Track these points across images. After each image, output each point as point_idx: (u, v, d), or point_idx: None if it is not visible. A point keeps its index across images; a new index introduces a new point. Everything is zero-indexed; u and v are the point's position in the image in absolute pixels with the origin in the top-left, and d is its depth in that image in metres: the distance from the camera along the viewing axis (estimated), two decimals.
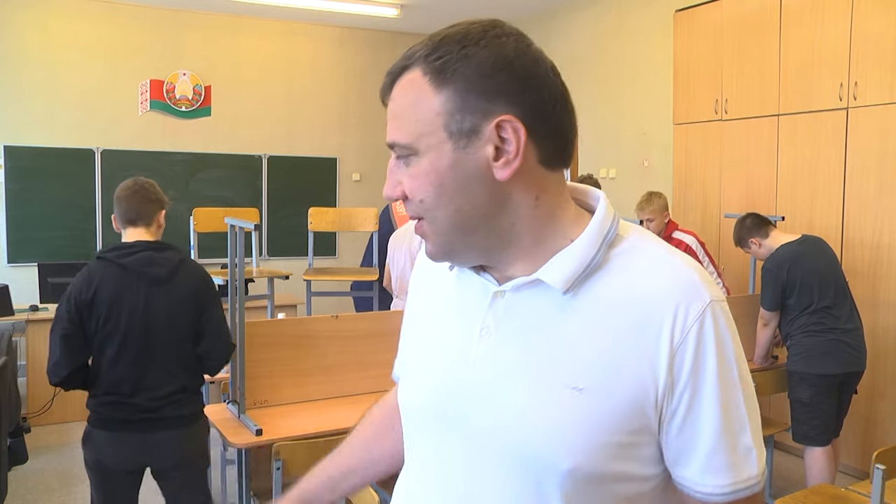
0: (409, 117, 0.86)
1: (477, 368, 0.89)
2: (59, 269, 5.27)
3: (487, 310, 0.91)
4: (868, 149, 4.20)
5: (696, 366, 0.83)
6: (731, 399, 0.85)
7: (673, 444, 0.86)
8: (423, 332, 1.02)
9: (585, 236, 0.88)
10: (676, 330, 0.83)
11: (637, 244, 0.89)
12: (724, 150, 5.06)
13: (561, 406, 0.84)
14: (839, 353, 3.50)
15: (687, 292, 0.85)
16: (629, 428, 0.84)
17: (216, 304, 2.70)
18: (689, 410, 0.84)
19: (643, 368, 0.83)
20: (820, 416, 3.51)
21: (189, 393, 2.63)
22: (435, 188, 0.85)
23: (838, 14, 4.30)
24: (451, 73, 0.83)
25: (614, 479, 0.85)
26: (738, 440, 0.86)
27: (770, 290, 3.64)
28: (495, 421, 0.87)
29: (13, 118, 6.38)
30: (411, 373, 1.01)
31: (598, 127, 6.32)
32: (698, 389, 0.84)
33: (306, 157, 7.57)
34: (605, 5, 6.23)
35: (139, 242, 2.66)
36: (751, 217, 3.84)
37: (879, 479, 2.44)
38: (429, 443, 0.95)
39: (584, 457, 0.83)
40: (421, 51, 0.85)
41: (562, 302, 0.87)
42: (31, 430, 4.54)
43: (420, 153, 0.85)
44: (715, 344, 0.84)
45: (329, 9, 6.74)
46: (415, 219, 0.89)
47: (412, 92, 0.85)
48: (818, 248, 3.66)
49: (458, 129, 0.84)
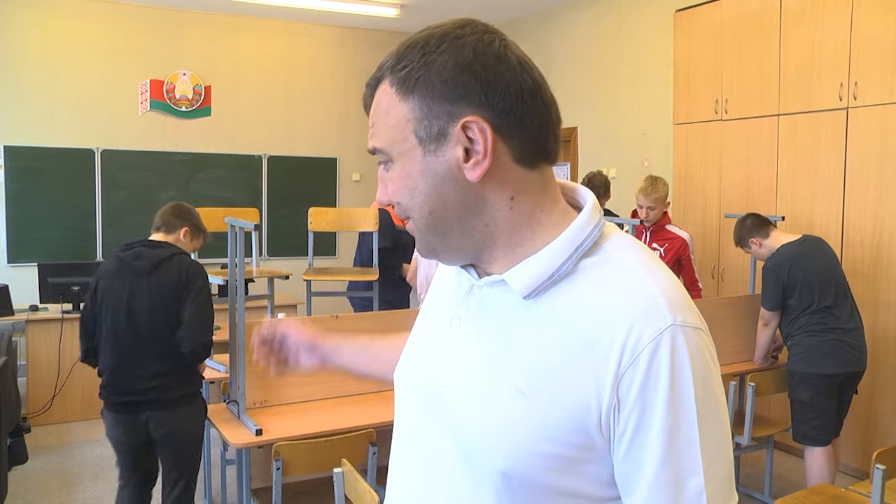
0: (383, 125, 0.89)
1: (445, 355, 0.94)
2: (59, 269, 5.27)
3: (462, 301, 0.94)
4: (868, 149, 4.19)
5: (644, 391, 0.78)
6: (681, 434, 0.79)
7: (620, 469, 0.82)
8: (421, 320, 1.07)
9: (557, 244, 0.87)
10: (627, 350, 0.79)
11: (612, 255, 0.87)
12: (724, 150, 5.06)
13: (502, 405, 0.85)
14: (840, 353, 3.50)
15: (646, 312, 0.80)
16: (570, 442, 0.82)
17: (196, 298, 2.86)
18: (635, 436, 0.79)
19: (587, 384, 0.80)
20: (820, 416, 3.51)
21: (174, 377, 2.87)
22: (409, 191, 0.88)
23: (838, 14, 4.30)
24: (413, 81, 0.85)
25: (556, 492, 0.84)
26: (684, 481, 0.79)
27: (771, 290, 3.64)
28: (450, 412, 0.90)
29: (13, 118, 6.38)
30: (401, 360, 1.07)
31: (598, 127, 6.32)
32: (644, 416, 0.79)
33: (306, 157, 7.57)
34: (605, 5, 6.23)
35: (140, 240, 3.00)
36: (751, 217, 3.84)
37: (879, 479, 2.44)
38: (406, 424, 1.00)
39: (519, 461, 0.83)
40: (389, 61, 0.88)
41: (522, 306, 0.87)
42: (31, 430, 4.54)
43: (394, 159, 0.89)
44: (669, 370, 0.78)
45: (329, 9, 6.74)
46: (405, 220, 0.93)
47: (384, 102, 0.89)
48: (819, 249, 3.66)
49: (426, 135, 0.85)
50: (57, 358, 5.16)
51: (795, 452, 4.31)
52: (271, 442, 2.65)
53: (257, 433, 2.75)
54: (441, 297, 1.02)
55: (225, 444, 3.22)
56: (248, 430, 2.80)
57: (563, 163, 6.87)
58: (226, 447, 3.56)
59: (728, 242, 5.05)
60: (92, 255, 6.66)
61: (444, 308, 0.98)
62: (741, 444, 3.71)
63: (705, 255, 5.24)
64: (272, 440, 2.67)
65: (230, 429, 2.86)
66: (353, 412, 3.02)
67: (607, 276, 0.85)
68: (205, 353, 2.92)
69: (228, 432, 2.82)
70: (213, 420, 2.98)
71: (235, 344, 2.99)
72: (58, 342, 5.16)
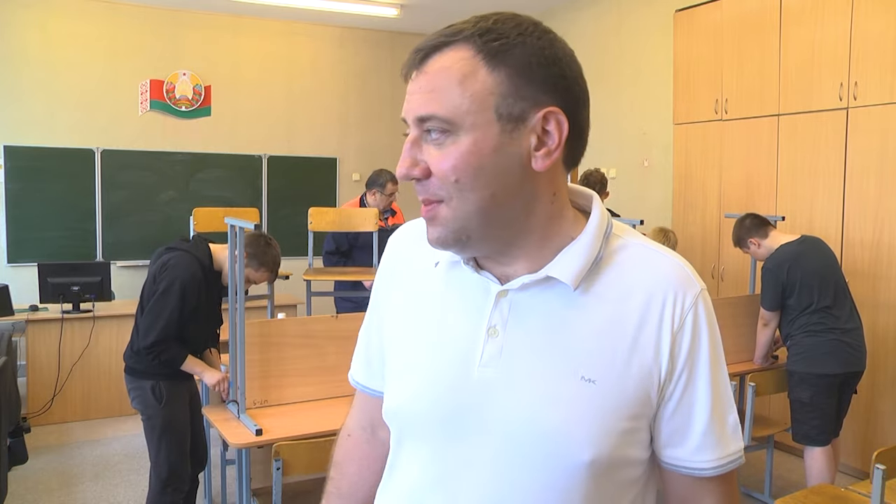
0: (454, 92, 0.83)
1: (485, 369, 0.89)
2: (59, 269, 5.26)
3: (493, 309, 0.91)
4: (868, 149, 4.19)
5: (692, 350, 0.89)
6: (721, 380, 0.92)
7: (668, 425, 0.90)
8: (411, 334, 0.99)
9: (588, 233, 0.90)
10: (676, 316, 0.88)
11: (629, 241, 0.93)
12: (724, 150, 5.06)
13: (576, 398, 0.86)
14: (839, 353, 3.49)
15: (681, 282, 0.90)
16: (639, 413, 0.88)
17: (156, 295, 2.97)
18: (685, 392, 0.89)
19: (649, 355, 0.87)
20: (820, 416, 3.51)
21: (134, 352, 3.07)
22: (475, 169, 0.83)
23: (838, 14, 4.30)
24: (508, 55, 0.83)
25: (624, 464, 0.89)
26: (726, 417, 0.92)
27: (770, 290, 3.64)
28: (512, 420, 0.87)
29: (13, 118, 6.38)
30: (403, 378, 0.98)
31: (598, 127, 6.28)
32: (693, 372, 0.89)
33: (306, 157, 7.57)
34: (605, 5, 6.23)
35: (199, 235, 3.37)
36: (750, 217, 3.84)
37: (879, 479, 2.44)
38: (433, 449, 0.93)
39: (602, 446, 0.86)
40: (469, 30, 0.84)
41: (570, 298, 0.88)
42: (31, 430, 4.54)
43: (462, 131, 0.83)
44: (707, 328, 0.90)
45: (329, 9, 6.74)
46: (431, 202, 0.86)
47: (461, 68, 0.83)
48: (818, 249, 3.66)
49: (507, 113, 0.84)
50: (57, 358, 5.16)
51: (795, 452, 4.31)
52: (271, 442, 2.65)
53: (257, 433, 2.75)
54: (437, 309, 0.96)
55: (225, 444, 3.22)
56: (248, 430, 2.80)
57: None
58: (226, 447, 3.56)
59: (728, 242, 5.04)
60: (92, 255, 6.66)
61: (458, 320, 0.93)
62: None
63: (705, 255, 5.24)
64: (272, 440, 2.66)
65: (230, 429, 2.85)
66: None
67: (635, 257, 0.91)
68: (144, 348, 2.97)
69: (228, 432, 2.82)
70: (213, 420, 2.98)
71: (235, 344, 2.99)
72: (58, 342, 5.16)
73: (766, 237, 3.74)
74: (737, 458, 0.93)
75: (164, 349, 2.98)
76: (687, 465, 0.91)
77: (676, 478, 0.93)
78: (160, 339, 2.95)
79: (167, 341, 2.98)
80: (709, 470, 0.91)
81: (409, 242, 1.04)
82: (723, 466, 0.91)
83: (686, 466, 0.91)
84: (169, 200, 6.96)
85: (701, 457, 0.91)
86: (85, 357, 5.22)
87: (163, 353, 2.98)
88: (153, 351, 2.97)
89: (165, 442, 3.06)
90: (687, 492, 0.94)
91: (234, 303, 3.01)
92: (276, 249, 3.17)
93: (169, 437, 3.06)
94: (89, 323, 5.23)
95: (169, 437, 3.07)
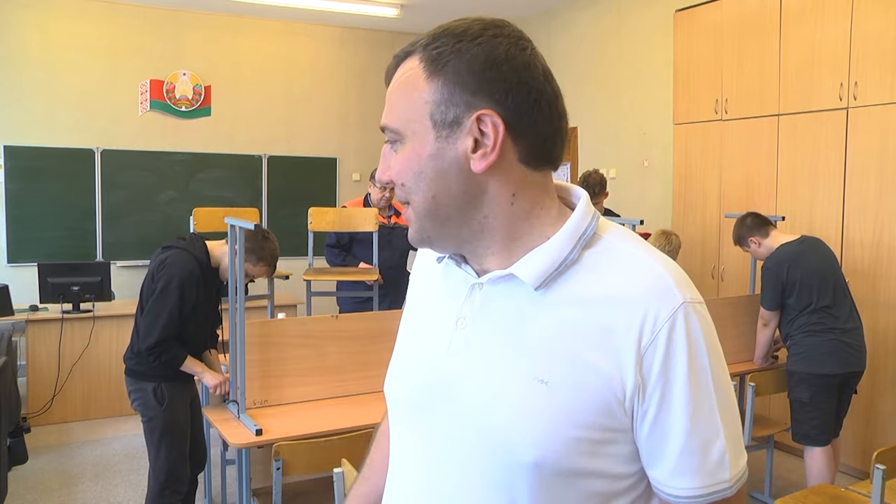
0: (401, 103, 0.89)
1: (452, 358, 0.92)
2: (59, 269, 5.26)
3: (465, 300, 0.94)
4: (868, 149, 4.19)
5: (665, 367, 0.83)
6: (703, 402, 0.84)
7: (645, 444, 0.86)
8: (411, 325, 1.05)
9: (560, 235, 0.90)
10: (646, 331, 0.83)
11: (614, 244, 0.90)
12: (724, 150, 5.06)
13: (526, 397, 0.86)
14: (839, 353, 3.50)
15: (659, 293, 0.85)
16: (597, 424, 0.84)
17: (155, 294, 2.97)
18: (659, 411, 0.84)
19: (609, 367, 0.84)
20: (820, 416, 3.51)
21: (135, 354, 3.06)
22: (415, 174, 0.89)
23: (838, 14, 4.30)
24: (443, 64, 0.87)
25: (585, 475, 0.86)
26: (710, 445, 0.85)
27: (770, 289, 3.64)
28: (466, 410, 0.89)
29: (13, 118, 6.38)
30: (394, 365, 1.04)
31: (598, 127, 6.32)
32: (668, 391, 0.84)
33: (306, 157, 7.57)
34: (605, 5, 6.23)
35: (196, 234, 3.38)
36: (751, 216, 3.84)
37: (879, 479, 2.44)
38: (408, 434, 0.98)
39: (549, 449, 0.84)
40: (423, 40, 0.89)
41: (533, 297, 0.89)
42: (31, 430, 4.54)
43: (406, 139, 0.89)
44: (686, 346, 0.84)
45: (329, 9, 6.74)
46: (405, 203, 0.92)
47: (407, 79, 0.89)
48: (817, 249, 3.66)
49: (441, 120, 0.87)
50: (57, 358, 5.16)
51: (795, 452, 4.31)
52: (271, 442, 2.65)
53: (257, 433, 2.75)
54: (431, 300, 1.02)
55: (225, 444, 3.22)
56: (248, 430, 2.80)
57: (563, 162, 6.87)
58: (226, 447, 3.56)
59: (728, 242, 5.04)
60: (92, 255, 6.66)
61: (440, 310, 0.97)
62: None
63: (705, 255, 5.24)
64: (272, 440, 2.67)
65: (230, 429, 2.86)
66: (353, 412, 3.02)
67: (612, 262, 0.88)
68: (144, 349, 2.96)
69: (228, 432, 2.82)
70: (213, 420, 2.98)
71: (235, 344, 2.99)
72: (58, 342, 5.16)
73: (766, 236, 3.75)
74: (722, 488, 0.86)
75: (166, 349, 2.98)
76: (665, 489, 0.87)
77: (662, 501, 0.90)
78: (162, 338, 2.95)
79: (168, 341, 2.97)
80: (684, 499, 0.86)
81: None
82: (705, 497, 0.85)
83: (664, 491, 0.87)
84: (169, 200, 6.96)
85: (678, 482, 0.85)
86: (85, 357, 5.23)
87: (164, 353, 2.98)
88: (154, 351, 2.96)
89: (165, 444, 3.06)
90: None
91: (234, 303, 3.01)
92: (273, 243, 3.16)
93: (169, 439, 3.06)
94: (89, 323, 5.23)
95: (169, 440, 3.06)
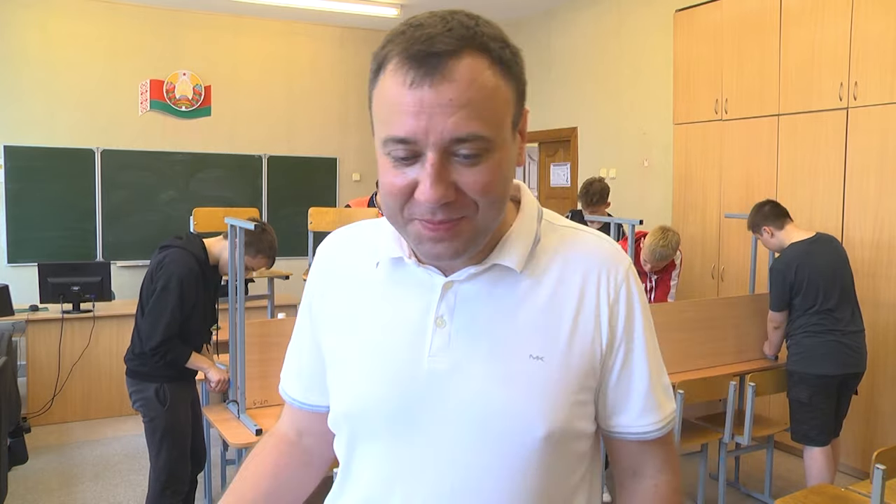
0: (489, 107, 0.79)
1: (435, 359, 0.90)
2: (59, 269, 5.26)
3: (440, 301, 0.91)
4: (868, 149, 4.19)
5: (627, 319, 0.93)
6: (654, 344, 0.97)
7: (611, 395, 0.95)
8: (354, 337, 0.96)
9: (525, 217, 0.94)
10: (611, 290, 0.93)
11: (554, 223, 0.97)
12: (724, 150, 5.06)
13: (526, 376, 0.88)
14: (838, 354, 3.49)
15: (612, 257, 0.95)
16: (586, 386, 0.92)
17: (156, 294, 2.95)
18: (626, 360, 0.94)
19: (590, 329, 0.92)
20: (819, 417, 3.51)
21: (136, 355, 3.04)
22: (505, 181, 0.85)
23: (838, 14, 4.30)
24: (513, 64, 0.83)
25: (575, 437, 0.92)
26: (661, 380, 0.97)
27: (778, 290, 3.62)
28: (465, 404, 0.88)
29: (13, 118, 6.38)
30: (350, 381, 0.95)
31: (598, 127, 6.32)
32: (632, 340, 0.94)
33: (306, 157, 7.57)
34: (605, 5, 6.23)
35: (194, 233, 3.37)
36: (770, 205, 3.76)
37: (879, 479, 2.44)
38: (386, 447, 0.92)
39: (556, 419, 0.88)
40: (472, 35, 0.78)
41: (514, 281, 0.91)
42: (31, 430, 4.54)
43: (496, 147, 0.80)
44: (639, 297, 0.95)
45: (329, 9, 6.74)
46: (451, 220, 0.81)
47: (486, 79, 0.78)
48: (829, 249, 3.61)
49: (515, 122, 0.85)
50: (57, 358, 5.16)
51: (795, 452, 4.31)
52: None
53: (257, 433, 2.75)
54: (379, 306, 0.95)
55: (225, 444, 3.22)
56: (248, 429, 2.80)
57: (563, 162, 6.87)
58: (226, 447, 3.56)
59: (728, 242, 5.05)
60: (92, 255, 6.66)
61: (403, 315, 0.93)
62: (741, 444, 3.71)
63: (705, 255, 5.24)
64: None
65: (230, 429, 2.86)
66: None
67: (563, 239, 0.95)
68: (148, 349, 2.95)
69: (228, 432, 2.82)
70: (213, 420, 2.98)
71: (235, 344, 2.99)
72: (58, 342, 5.16)
73: (780, 229, 3.70)
74: (673, 417, 0.99)
75: (170, 349, 2.97)
76: (632, 430, 0.96)
77: (623, 445, 0.98)
78: (165, 338, 2.94)
79: (172, 340, 2.97)
80: (653, 432, 0.96)
81: (342, 249, 1.03)
82: (664, 427, 0.97)
83: (632, 432, 0.96)
84: (169, 200, 6.96)
85: (645, 420, 0.95)
86: (85, 357, 5.23)
87: (168, 353, 2.96)
88: (159, 351, 2.94)
89: (166, 444, 3.06)
90: (633, 458, 0.99)
91: (234, 302, 3.01)
92: (271, 235, 3.17)
93: (170, 439, 3.06)
94: (89, 323, 5.23)
95: (170, 440, 3.06)
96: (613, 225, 3.87)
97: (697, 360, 3.87)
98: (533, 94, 6.91)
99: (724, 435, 3.62)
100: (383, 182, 0.83)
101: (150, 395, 3.04)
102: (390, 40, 0.80)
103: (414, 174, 0.80)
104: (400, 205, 0.82)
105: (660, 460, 0.99)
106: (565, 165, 6.80)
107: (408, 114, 0.77)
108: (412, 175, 0.80)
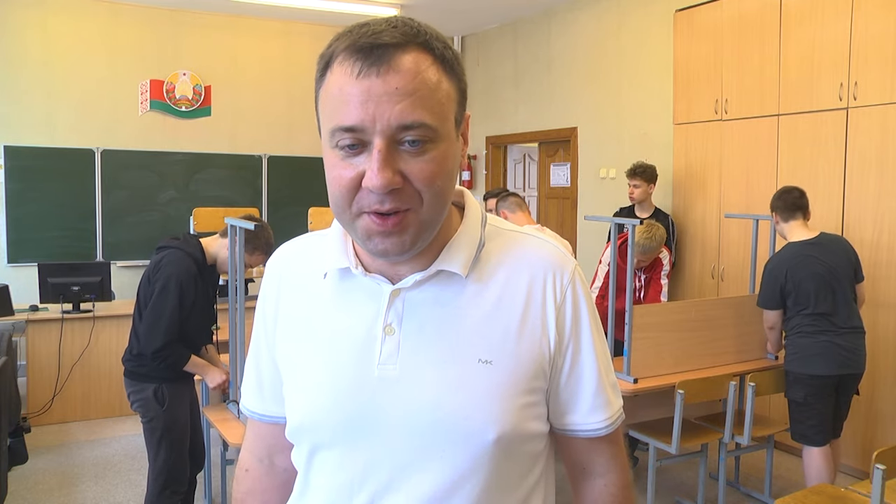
0: (433, 98, 0.82)
1: (385, 367, 0.90)
2: (59, 269, 5.26)
3: (388, 309, 0.92)
4: (868, 149, 4.19)
5: (574, 320, 0.95)
6: (602, 343, 0.99)
7: (561, 394, 0.96)
8: (306, 348, 0.97)
9: (469, 223, 0.95)
10: (557, 292, 0.94)
11: (498, 228, 0.98)
12: (724, 150, 5.06)
13: (476, 380, 0.89)
14: (832, 354, 3.47)
15: (558, 260, 0.96)
16: (535, 388, 0.93)
17: (154, 296, 2.94)
18: (574, 360, 0.96)
19: (537, 331, 0.93)
20: (815, 417, 3.50)
21: (134, 356, 3.04)
22: (449, 174, 0.87)
23: (838, 14, 4.30)
24: (452, 63, 0.87)
25: (527, 438, 0.93)
26: (609, 378, 1.00)
27: (767, 289, 3.63)
28: (416, 410, 0.89)
29: (13, 118, 6.38)
30: (303, 392, 0.96)
31: (598, 127, 6.32)
32: (579, 340, 0.96)
33: (306, 157, 7.56)
34: (605, 5, 6.23)
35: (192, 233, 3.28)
36: (794, 195, 3.65)
37: (879, 479, 2.44)
38: (341, 455, 0.93)
39: (506, 422, 0.89)
40: (418, 30, 0.85)
41: (461, 286, 0.92)
42: (31, 430, 4.54)
43: (441, 138, 0.84)
44: (585, 298, 0.97)
45: (329, 9, 6.74)
46: (396, 211, 0.83)
47: (430, 74, 0.83)
48: (830, 251, 3.57)
49: (456, 119, 0.88)
50: (57, 358, 5.16)
51: (795, 452, 4.31)
52: None
53: None
54: (325, 319, 0.95)
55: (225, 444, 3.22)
56: None
57: (563, 162, 6.87)
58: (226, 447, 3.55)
59: (728, 242, 5.05)
60: (92, 255, 6.66)
61: (350, 325, 0.93)
62: (741, 444, 3.71)
63: (705, 255, 5.24)
64: None
65: (230, 429, 2.86)
66: None
67: (508, 243, 0.96)
68: (147, 352, 2.94)
69: (228, 432, 2.82)
70: (213, 420, 2.98)
71: (235, 344, 2.99)
72: (58, 342, 5.16)
73: (786, 221, 3.66)
74: (621, 414, 1.01)
75: (172, 352, 2.96)
76: (582, 427, 0.98)
77: (573, 443, 1.00)
78: (166, 341, 2.93)
79: (172, 343, 2.96)
80: (602, 429, 0.98)
81: (292, 260, 1.04)
82: (612, 424, 0.99)
83: (582, 429, 0.98)
84: (169, 200, 6.96)
85: (594, 418, 0.98)
86: (85, 357, 5.23)
87: (169, 356, 2.96)
88: (161, 355, 2.94)
89: (165, 445, 3.06)
90: (583, 455, 1.02)
91: (234, 302, 3.01)
92: (267, 231, 3.17)
93: (169, 439, 3.06)
94: (89, 323, 5.23)
95: (169, 440, 3.06)
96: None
97: (697, 360, 3.87)
98: (533, 94, 6.92)
99: (724, 435, 3.62)
100: (331, 177, 0.84)
101: (148, 396, 3.04)
102: (336, 39, 0.85)
103: (362, 165, 0.82)
104: (348, 199, 0.84)
105: (607, 457, 1.02)
106: (565, 165, 6.80)
107: (355, 103, 0.80)
108: (360, 166, 0.82)
